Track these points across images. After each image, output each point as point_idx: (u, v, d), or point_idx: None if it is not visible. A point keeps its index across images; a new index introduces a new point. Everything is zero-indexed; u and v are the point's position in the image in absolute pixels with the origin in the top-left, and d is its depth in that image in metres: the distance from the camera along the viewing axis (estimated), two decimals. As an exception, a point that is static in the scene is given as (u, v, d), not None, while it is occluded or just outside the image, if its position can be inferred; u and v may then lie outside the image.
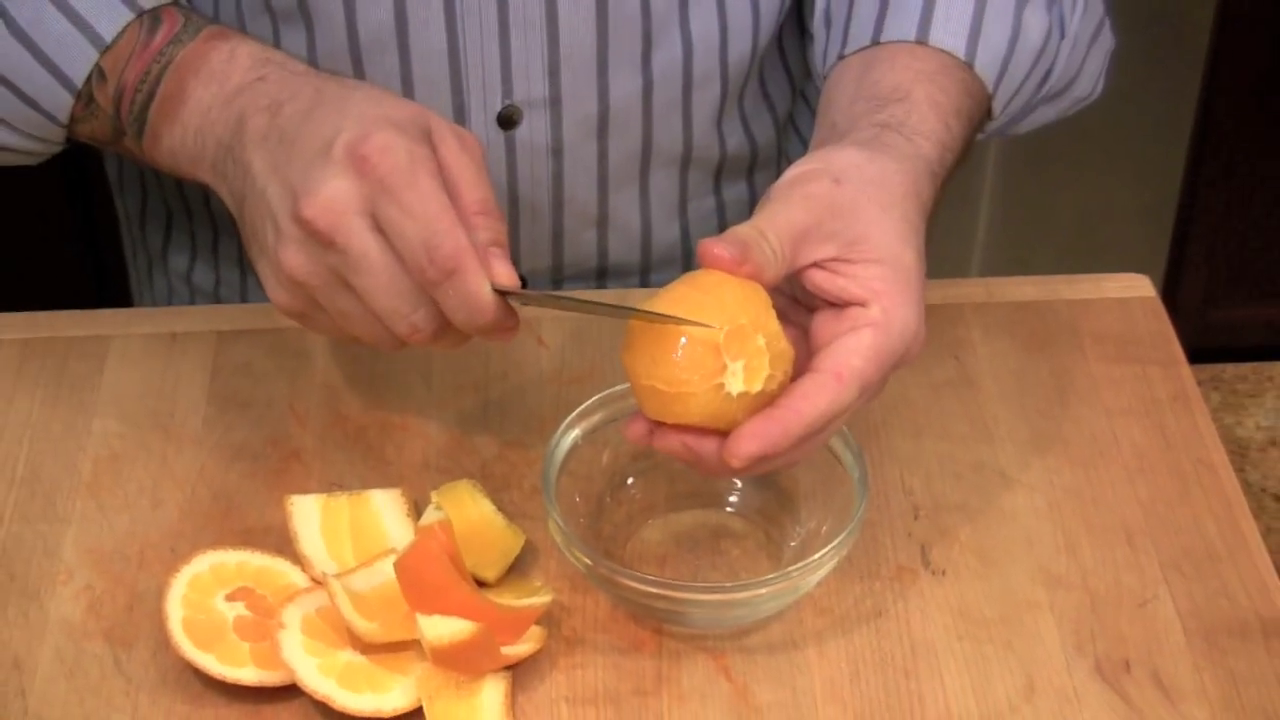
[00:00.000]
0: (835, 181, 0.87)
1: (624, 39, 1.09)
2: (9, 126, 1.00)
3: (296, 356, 1.09)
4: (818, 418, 0.84)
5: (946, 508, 0.99)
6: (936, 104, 0.96)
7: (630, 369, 0.86)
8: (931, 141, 0.94)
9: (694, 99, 1.13)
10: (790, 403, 0.84)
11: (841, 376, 0.84)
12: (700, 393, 0.83)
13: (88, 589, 0.95)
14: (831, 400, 0.84)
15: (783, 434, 0.83)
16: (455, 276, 0.84)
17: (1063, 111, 1.13)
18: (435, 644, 0.86)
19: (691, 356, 0.83)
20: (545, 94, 1.09)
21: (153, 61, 0.95)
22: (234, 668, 0.89)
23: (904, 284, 0.86)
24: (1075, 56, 1.08)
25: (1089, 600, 0.94)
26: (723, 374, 0.83)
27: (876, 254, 0.86)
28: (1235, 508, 0.99)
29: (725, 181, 1.20)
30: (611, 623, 0.93)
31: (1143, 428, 1.04)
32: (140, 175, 1.25)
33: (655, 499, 0.99)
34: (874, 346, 0.85)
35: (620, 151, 1.13)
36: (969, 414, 1.05)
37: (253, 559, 0.94)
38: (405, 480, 1.00)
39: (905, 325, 0.86)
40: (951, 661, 0.91)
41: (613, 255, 1.19)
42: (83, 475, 1.01)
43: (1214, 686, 0.90)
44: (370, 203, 0.85)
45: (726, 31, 1.11)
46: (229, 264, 1.22)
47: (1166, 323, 1.11)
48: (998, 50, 1.00)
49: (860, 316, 0.85)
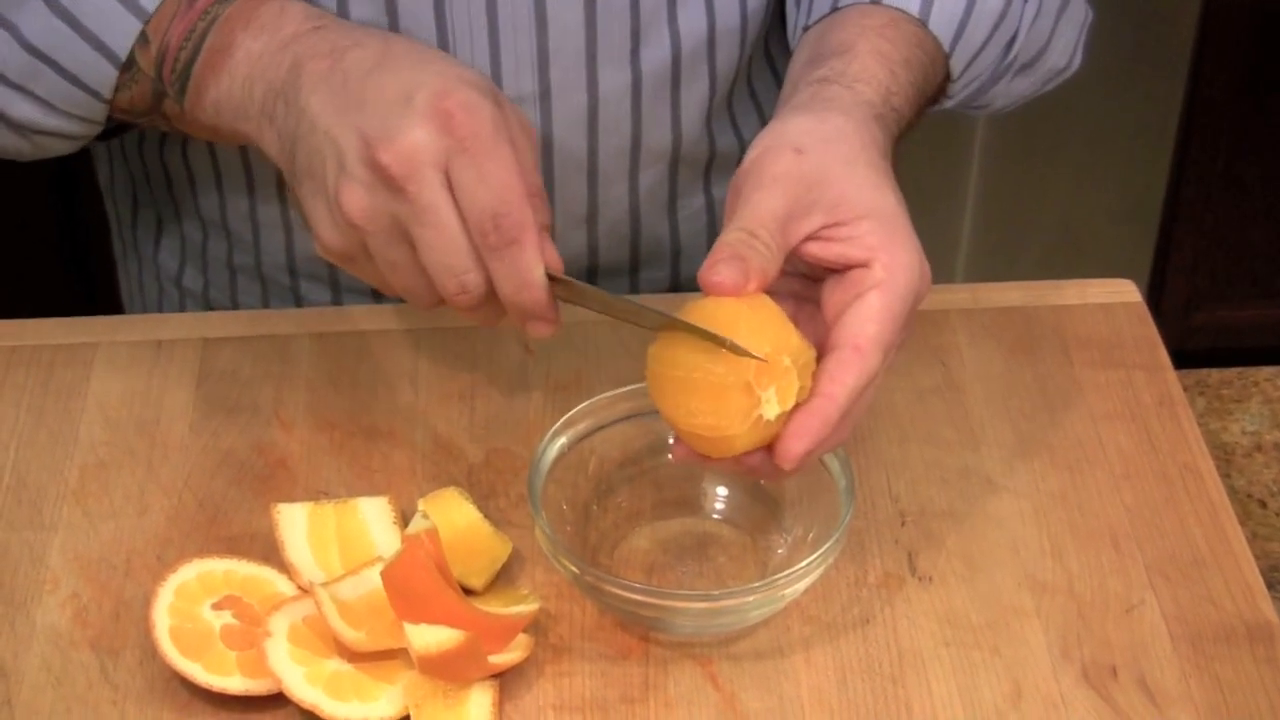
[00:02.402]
0: (797, 152, 0.88)
1: (612, 33, 1.09)
2: (49, 107, 1.01)
3: (283, 363, 1.09)
4: (850, 395, 0.85)
5: (933, 514, 0.99)
6: (881, 53, 0.96)
7: (666, 415, 0.86)
8: (872, 86, 0.94)
9: (683, 96, 1.14)
10: (821, 389, 0.85)
11: (860, 348, 0.85)
12: (742, 432, 0.84)
13: (74, 597, 0.95)
14: (858, 374, 0.85)
15: (823, 423, 0.85)
16: (514, 247, 0.86)
17: (1040, 83, 1.14)
18: (422, 652, 0.86)
19: (726, 404, 0.84)
20: (535, 88, 1.09)
21: (199, 20, 0.96)
22: (221, 676, 0.89)
23: (894, 230, 0.87)
24: (1043, 25, 1.09)
25: (1075, 606, 0.94)
26: (759, 406, 0.84)
27: (861, 209, 0.87)
28: (1221, 513, 0.99)
29: (715, 179, 1.21)
30: (599, 630, 0.93)
31: (1128, 433, 1.04)
32: (130, 177, 1.25)
33: (642, 506, 0.99)
34: (884, 307, 0.86)
35: (609, 147, 1.14)
36: (955, 419, 1.05)
37: (239, 567, 0.94)
38: (392, 488, 1.00)
39: (909, 272, 0.87)
40: (938, 668, 0.91)
41: (603, 254, 1.19)
42: (69, 483, 1.01)
43: (1200, 692, 0.90)
44: (446, 158, 0.86)
45: (714, 29, 1.12)
46: (218, 266, 1.22)
47: (1152, 328, 1.12)
48: (954, 10, 1.01)
49: (864, 279, 0.86)
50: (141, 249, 1.28)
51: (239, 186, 1.16)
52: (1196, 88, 2.26)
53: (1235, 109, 2.27)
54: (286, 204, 1.15)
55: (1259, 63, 2.24)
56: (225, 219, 1.19)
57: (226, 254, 1.21)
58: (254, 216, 1.17)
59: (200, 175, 1.18)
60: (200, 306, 1.25)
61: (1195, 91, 2.26)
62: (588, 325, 1.10)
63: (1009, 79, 1.10)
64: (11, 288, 2.05)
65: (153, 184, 1.23)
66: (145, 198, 1.25)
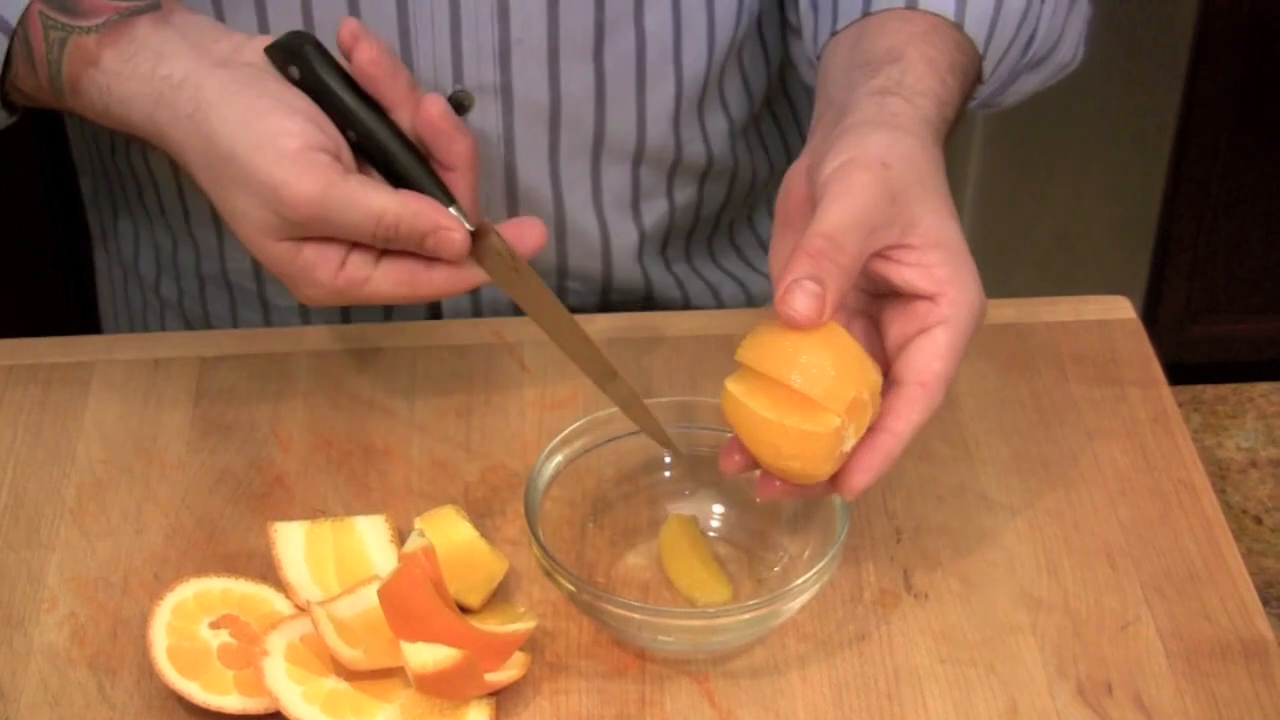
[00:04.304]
0: (885, 166, 0.87)
1: (575, 28, 1.09)
2: None
3: (279, 381, 1.09)
4: (915, 431, 0.86)
5: (928, 530, 0.99)
6: (931, 61, 0.97)
7: (752, 449, 0.87)
8: (930, 99, 0.94)
9: (648, 96, 1.14)
10: (886, 424, 0.86)
11: (927, 384, 0.86)
12: (828, 470, 0.86)
13: (71, 616, 0.95)
14: (923, 410, 0.86)
15: (886, 459, 0.86)
16: (429, 238, 0.92)
17: (1048, 79, 1.14)
18: (419, 671, 0.86)
19: (818, 450, 0.85)
20: (496, 80, 1.10)
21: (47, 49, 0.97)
22: (218, 695, 0.89)
23: (962, 265, 0.88)
24: (1056, 20, 1.10)
25: (1070, 623, 0.94)
26: (842, 444, 0.85)
27: (932, 237, 0.87)
28: (1216, 529, 0.99)
29: (677, 183, 1.20)
30: (595, 648, 0.93)
31: (1123, 449, 1.04)
32: (110, 186, 1.25)
33: (639, 524, 0.99)
34: (950, 344, 0.87)
35: (571, 143, 1.14)
36: (950, 436, 1.05)
37: (236, 586, 0.94)
38: (389, 506, 1.01)
39: (973, 309, 0.88)
40: (934, 685, 0.91)
41: (571, 258, 1.19)
42: (66, 502, 1.01)
43: (1196, 709, 0.90)
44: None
45: (680, 28, 1.12)
46: (188, 275, 1.23)
47: (1146, 344, 1.12)
48: (985, 10, 1.02)
49: (931, 314, 0.87)
50: (124, 259, 1.28)
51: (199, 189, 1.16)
52: (1192, 99, 2.26)
53: (1230, 121, 2.28)
54: None
55: (1254, 77, 2.25)
56: (190, 225, 1.19)
57: (195, 262, 1.22)
58: (216, 220, 1.17)
59: (163, 180, 1.18)
60: (176, 315, 1.26)
61: (1190, 103, 2.27)
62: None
63: (1024, 76, 1.10)
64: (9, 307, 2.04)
65: (127, 192, 1.23)
66: (122, 206, 1.25)
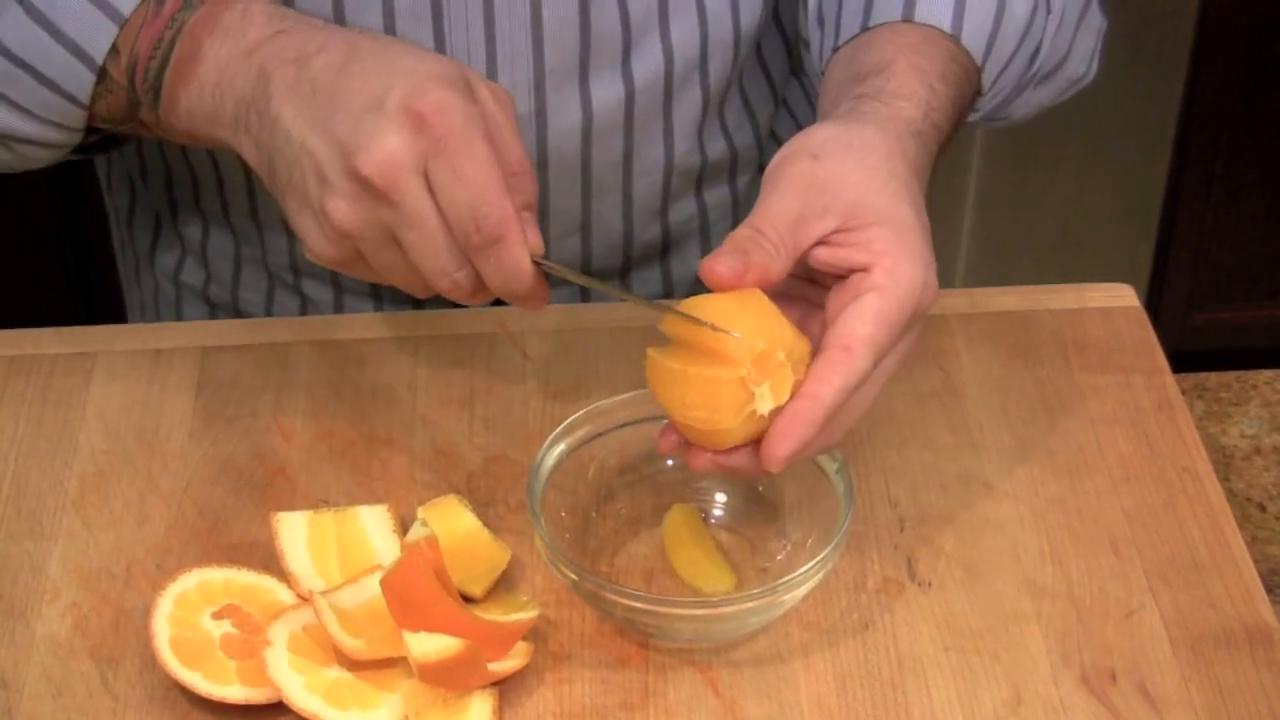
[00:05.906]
0: (814, 158, 0.88)
1: (605, 49, 1.09)
2: (28, 114, 1.00)
3: (282, 371, 1.09)
4: (836, 396, 0.84)
5: (932, 519, 0.99)
6: (919, 69, 0.96)
7: (663, 405, 0.87)
8: (913, 102, 0.94)
9: (675, 108, 1.14)
10: (807, 389, 0.85)
11: (850, 348, 0.85)
12: (735, 426, 0.84)
13: (74, 607, 0.95)
14: (845, 374, 0.84)
15: (808, 424, 0.84)
16: (498, 245, 0.86)
17: (1059, 93, 1.14)
18: (422, 660, 0.86)
19: (721, 398, 0.84)
20: (531, 108, 1.09)
21: (165, 28, 0.96)
22: (221, 686, 0.89)
23: (904, 240, 0.87)
24: (1064, 35, 1.09)
25: (1075, 611, 0.94)
26: (753, 401, 0.84)
27: (874, 216, 0.87)
28: (1220, 516, 0.99)
29: (707, 185, 1.21)
30: (598, 637, 0.93)
31: (1127, 437, 1.04)
32: (129, 175, 1.25)
33: (641, 513, 0.99)
34: (878, 309, 0.85)
35: (603, 160, 1.14)
36: (954, 424, 1.05)
37: (239, 576, 0.94)
38: (391, 495, 1.00)
39: (911, 281, 0.86)
40: (938, 674, 0.91)
41: (595, 260, 1.19)
42: (69, 492, 1.01)
43: (1200, 696, 0.90)
44: (423, 161, 0.86)
45: (707, 42, 1.12)
46: (222, 261, 1.22)
47: (1150, 332, 1.12)
48: (983, 23, 1.01)
49: (862, 282, 0.86)
50: (139, 246, 1.28)
51: (239, 186, 1.16)
52: (1194, 89, 2.26)
53: (1233, 111, 2.27)
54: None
55: (1256, 67, 2.24)
56: (229, 216, 1.19)
57: (233, 249, 1.21)
58: (256, 216, 1.17)
59: (202, 175, 1.18)
60: (199, 302, 1.26)
61: (1193, 93, 2.26)
62: (587, 333, 1.10)
63: (1031, 89, 1.10)
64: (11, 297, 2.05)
65: (150, 182, 1.23)
66: (142, 195, 1.25)
